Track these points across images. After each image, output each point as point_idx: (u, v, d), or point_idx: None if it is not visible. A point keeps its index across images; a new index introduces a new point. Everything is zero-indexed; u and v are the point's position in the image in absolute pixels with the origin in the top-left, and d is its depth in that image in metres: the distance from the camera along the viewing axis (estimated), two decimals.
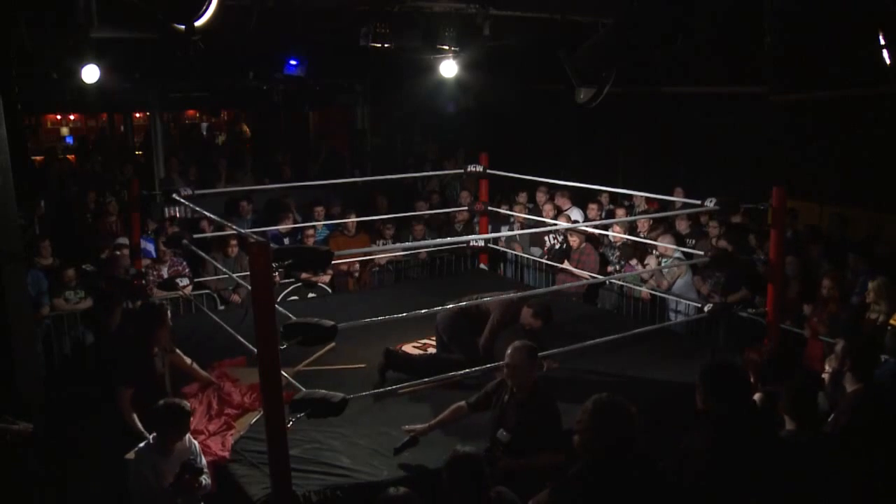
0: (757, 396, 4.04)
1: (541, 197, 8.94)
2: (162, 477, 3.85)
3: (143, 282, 6.77)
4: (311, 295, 7.87)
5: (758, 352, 4.44)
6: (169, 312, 5.06)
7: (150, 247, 7.66)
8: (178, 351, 5.09)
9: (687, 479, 3.15)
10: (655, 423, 3.54)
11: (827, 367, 4.24)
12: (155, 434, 3.99)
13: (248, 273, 4.12)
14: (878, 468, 3.43)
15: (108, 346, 6.33)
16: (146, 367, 4.74)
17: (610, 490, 2.82)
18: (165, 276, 7.26)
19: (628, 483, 2.84)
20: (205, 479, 3.96)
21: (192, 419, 4.23)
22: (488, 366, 5.07)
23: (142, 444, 4.01)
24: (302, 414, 4.00)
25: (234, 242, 7.65)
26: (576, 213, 8.75)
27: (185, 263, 7.44)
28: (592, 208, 8.55)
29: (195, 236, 6.96)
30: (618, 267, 7.83)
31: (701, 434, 3.24)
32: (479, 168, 8.29)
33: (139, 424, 4.46)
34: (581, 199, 8.82)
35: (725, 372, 3.35)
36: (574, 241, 7.96)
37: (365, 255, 8.22)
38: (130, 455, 4.21)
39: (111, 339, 6.00)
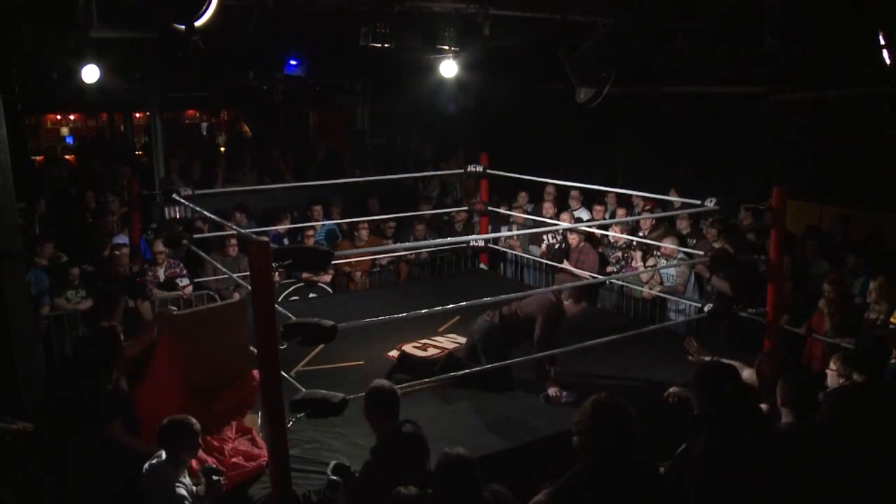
0: (763, 406, 4.04)
1: (547, 197, 8.90)
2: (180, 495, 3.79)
3: (143, 280, 6.76)
4: (311, 295, 7.87)
5: (770, 363, 4.43)
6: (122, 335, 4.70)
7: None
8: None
9: (688, 489, 3.14)
10: (655, 423, 3.53)
11: (831, 367, 4.24)
12: (167, 451, 3.85)
13: (248, 273, 4.11)
14: (872, 462, 3.44)
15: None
16: (121, 393, 4.50)
17: (609, 492, 2.81)
18: (162, 277, 7.26)
19: (628, 485, 2.83)
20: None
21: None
22: (500, 363, 5.10)
23: (153, 461, 3.89)
24: (302, 414, 3.99)
25: (233, 242, 7.64)
26: (583, 214, 8.75)
27: (181, 265, 7.43)
28: (598, 210, 8.55)
29: (195, 236, 6.96)
30: (617, 267, 7.82)
31: (698, 440, 3.23)
32: (479, 168, 8.29)
33: (144, 445, 4.25)
34: (585, 200, 8.82)
35: (718, 374, 3.33)
36: (573, 239, 7.96)
37: (365, 255, 8.21)
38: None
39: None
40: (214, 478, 3.85)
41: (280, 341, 3.87)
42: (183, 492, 3.76)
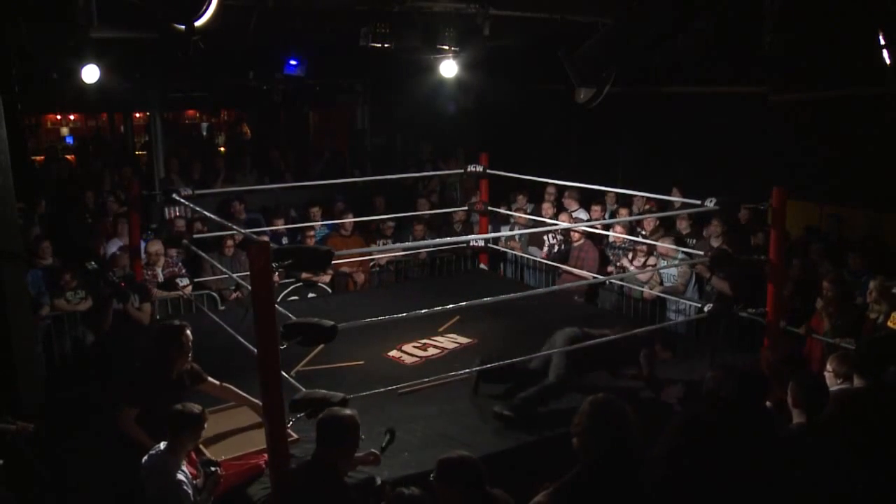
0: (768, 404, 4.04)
1: (547, 198, 8.90)
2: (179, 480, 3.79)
3: (126, 284, 6.68)
4: (311, 295, 7.86)
5: (775, 351, 4.41)
6: (189, 333, 4.53)
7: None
8: (210, 378, 4.66)
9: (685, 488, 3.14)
10: (654, 423, 3.53)
11: (828, 367, 4.24)
12: (169, 439, 3.85)
13: (247, 273, 4.11)
14: (872, 466, 3.44)
15: (102, 346, 6.33)
16: (160, 391, 4.34)
17: (609, 492, 2.81)
18: (161, 277, 7.25)
19: (627, 485, 2.83)
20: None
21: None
22: (513, 360, 5.08)
23: (152, 451, 3.89)
24: (302, 414, 3.99)
25: (230, 243, 7.64)
26: (582, 215, 8.75)
27: (180, 265, 7.43)
28: (596, 210, 8.54)
29: (194, 236, 6.95)
30: (618, 266, 7.82)
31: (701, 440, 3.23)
32: (479, 168, 8.29)
33: (147, 439, 4.17)
34: (584, 200, 8.82)
35: (744, 383, 3.33)
36: (573, 237, 7.97)
37: (364, 256, 8.22)
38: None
39: (107, 342, 5.95)
40: (212, 469, 3.85)
41: (280, 341, 3.86)
42: (182, 477, 3.77)
